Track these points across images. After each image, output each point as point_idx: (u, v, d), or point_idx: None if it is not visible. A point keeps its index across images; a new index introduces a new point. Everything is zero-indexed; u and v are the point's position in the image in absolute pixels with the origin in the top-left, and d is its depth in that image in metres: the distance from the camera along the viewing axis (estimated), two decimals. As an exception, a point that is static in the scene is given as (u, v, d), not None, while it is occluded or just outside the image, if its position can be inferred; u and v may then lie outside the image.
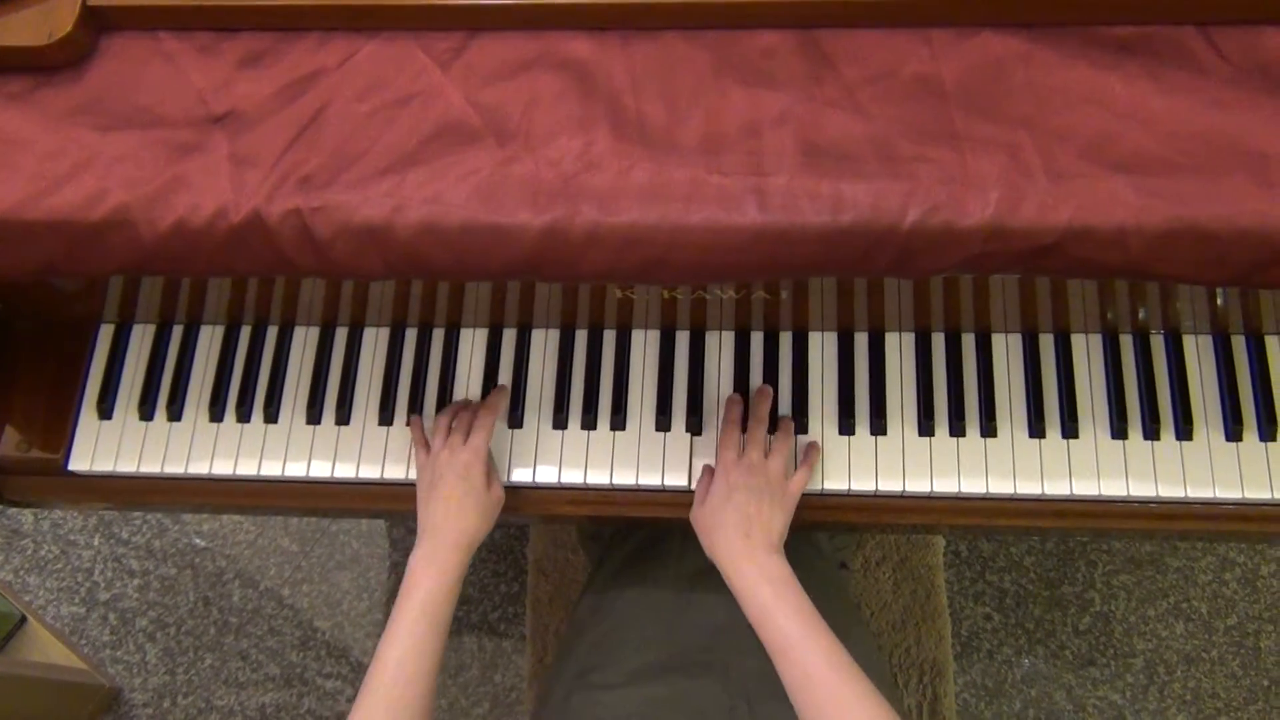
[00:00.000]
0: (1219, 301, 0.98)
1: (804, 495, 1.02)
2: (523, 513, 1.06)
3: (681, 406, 1.05)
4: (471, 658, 1.87)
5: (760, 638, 0.87)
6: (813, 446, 1.02)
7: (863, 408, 1.04)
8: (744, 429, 1.01)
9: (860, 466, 1.02)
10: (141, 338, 1.10)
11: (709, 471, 1.00)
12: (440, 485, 0.97)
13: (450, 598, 0.92)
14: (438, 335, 1.09)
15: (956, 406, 1.02)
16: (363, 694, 0.87)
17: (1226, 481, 0.98)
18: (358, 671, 1.87)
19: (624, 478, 1.03)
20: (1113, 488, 0.99)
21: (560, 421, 1.05)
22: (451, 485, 0.97)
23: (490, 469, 1.01)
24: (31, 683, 1.65)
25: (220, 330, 1.10)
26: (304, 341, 1.10)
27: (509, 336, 1.09)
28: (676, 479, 1.03)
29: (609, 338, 1.08)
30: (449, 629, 0.91)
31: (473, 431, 1.00)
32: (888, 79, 0.81)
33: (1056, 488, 0.99)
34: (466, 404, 1.05)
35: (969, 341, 1.05)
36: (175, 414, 1.07)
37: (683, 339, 1.07)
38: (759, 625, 0.87)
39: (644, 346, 1.07)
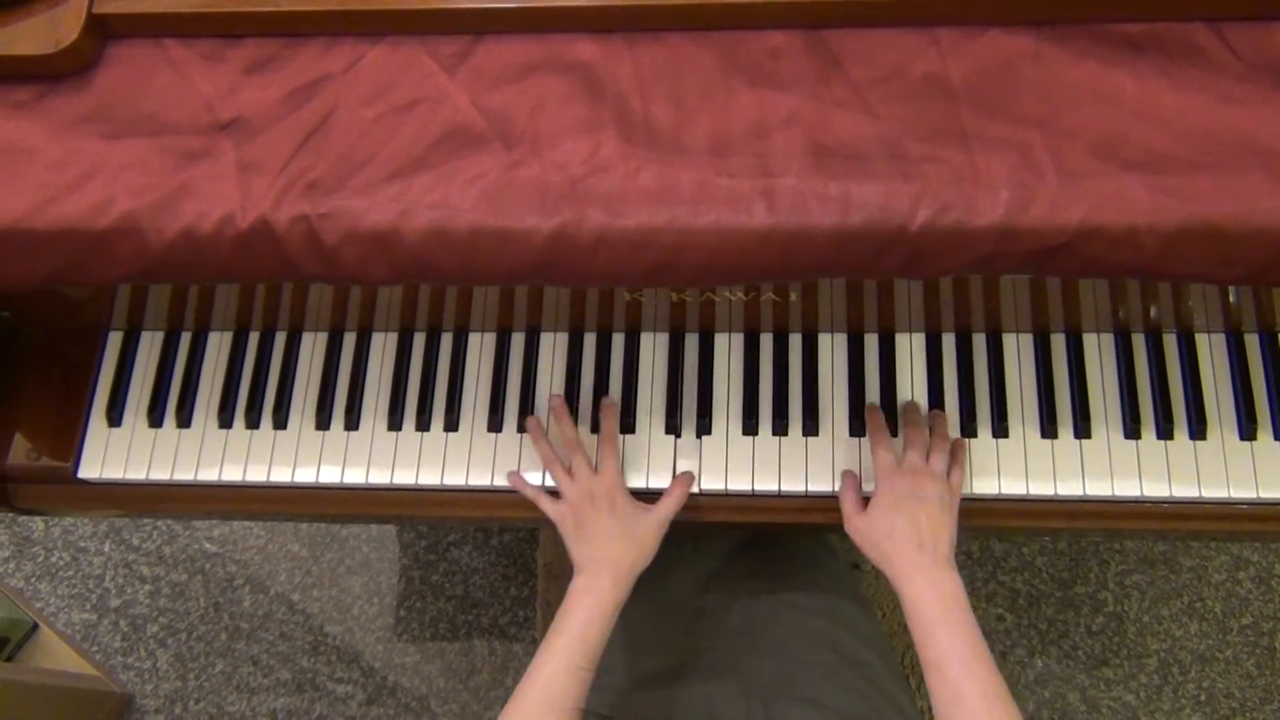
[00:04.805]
0: (1232, 299, 0.97)
1: (815, 498, 1.02)
2: (533, 517, 1.05)
3: (691, 409, 1.04)
4: (482, 662, 1.87)
5: (918, 651, 0.86)
6: (959, 443, 1.00)
7: (873, 409, 1.03)
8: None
9: (872, 468, 1.01)
10: (150, 345, 1.10)
11: (851, 480, 0.99)
12: (593, 523, 0.96)
13: (606, 627, 0.91)
14: (446, 340, 1.09)
15: (968, 407, 1.02)
16: (509, 707, 0.86)
17: (1241, 481, 0.98)
18: (368, 676, 1.87)
19: (633, 481, 1.03)
20: (1126, 488, 0.98)
21: (569, 425, 1.05)
22: (603, 522, 0.96)
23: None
24: (43, 690, 1.65)
25: (228, 336, 1.10)
26: (312, 347, 1.10)
27: (517, 340, 1.08)
28: (686, 482, 1.02)
29: (617, 341, 1.07)
30: (599, 660, 0.90)
31: (603, 464, 0.99)
32: (896, 79, 0.81)
33: (1069, 488, 0.99)
34: (561, 431, 1.03)
35: (980, 342, 1.04)
36: (184, 421, 1.07)
37: (691, 341, 1.07)
38: (921, 640, 0.86)
39: (652, 349, 1.07)
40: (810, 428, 1.03)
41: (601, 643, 0.90)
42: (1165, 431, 0.99)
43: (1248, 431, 0.99)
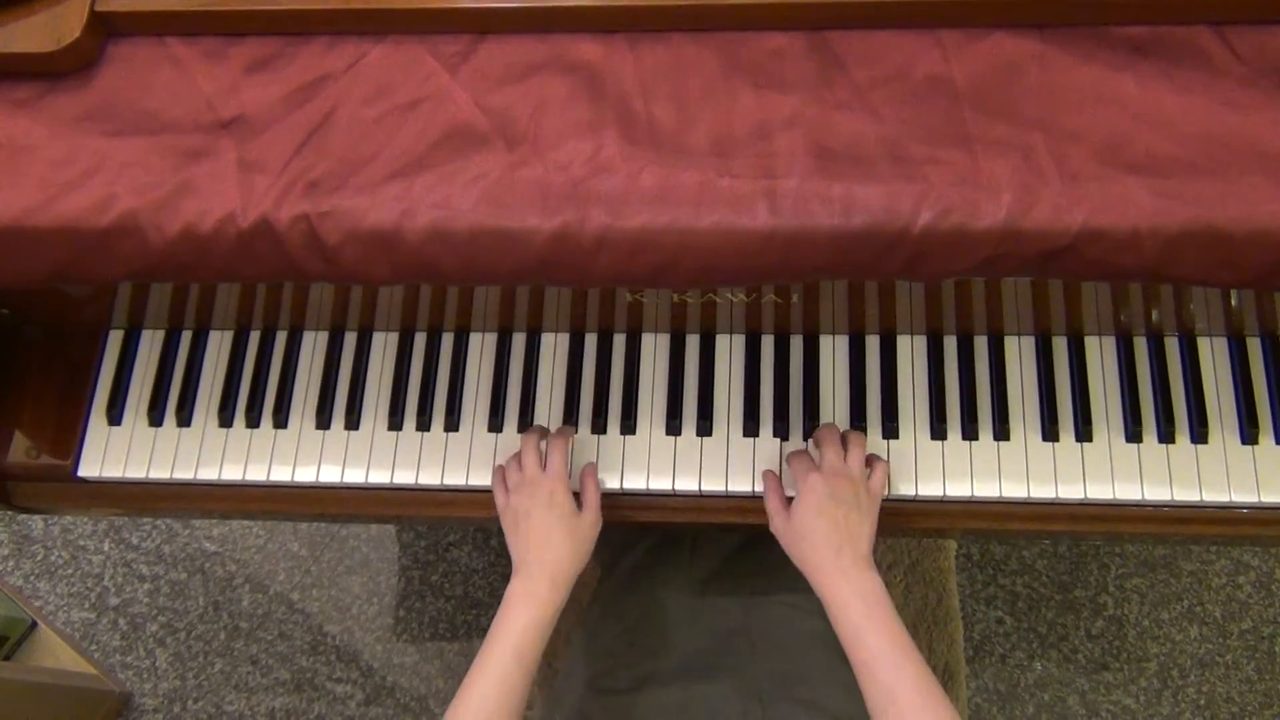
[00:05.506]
0: (1234, 303, 0.97)
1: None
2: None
3: (692, 410, 1.04)
4: (481, 662, 1.86)
5: (848, 654, 0.86)
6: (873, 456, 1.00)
7: (874, 411, 1.03)
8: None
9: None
10: (150, 343, 1.10)
11: (773, 481, 0.99)
12: (529, 517, 0.95)
13: (543, 634, 0.90)
14: (447, 340, 1.09)
15: (969, 410, 1.01)
16: None
17: (1242, 485, 0.98)
18: (367, 676, 1.87)
19: (633, 483, 1.03)
20: (1127, 491, 0.98)
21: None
22: (540, 516, 0.95)
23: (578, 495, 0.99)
24: (42, 688, 1.65)
25: (229, 335, 1.10)
26: (313, 346, 1.09)
27: (518, 341, 1.08)
28: (687, 483, 1.02)
29: (619, 342, 1.07)
30: (538, 665, 0.90)
31: (549, 457, 0.98)
32: (899, 80, 0.80)
33: (1070, 491, 0.99)
34: (541, 432, 1.03)
35: (981, 344, 1.04)
36: (184, 420, 1.07)
37: (693, 342, 1.07)
38: (848, 643, 0.86)
39: (654, 350, 1.07)
40: (811, 430, 1.02)
41: (538, 656, 0.90)
42: (1167, 435, 0.99)
43: (1249, 435, 0.99)
